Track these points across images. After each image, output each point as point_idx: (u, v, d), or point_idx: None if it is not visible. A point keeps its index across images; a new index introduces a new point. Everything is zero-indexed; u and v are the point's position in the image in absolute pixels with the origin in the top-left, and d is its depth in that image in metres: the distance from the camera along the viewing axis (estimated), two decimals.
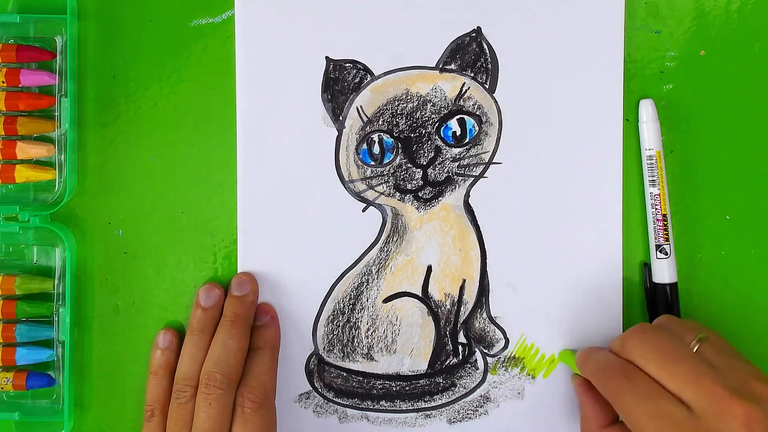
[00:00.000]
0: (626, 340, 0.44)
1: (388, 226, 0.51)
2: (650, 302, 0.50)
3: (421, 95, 0.50)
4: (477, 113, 0.50)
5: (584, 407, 0.48)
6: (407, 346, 0.51)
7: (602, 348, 0.47)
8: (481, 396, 0.51)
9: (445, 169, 0.51)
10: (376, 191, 0.51)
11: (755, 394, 0.41)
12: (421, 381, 0.51)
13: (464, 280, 0.51)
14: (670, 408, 0.41)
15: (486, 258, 0.51)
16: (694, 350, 0.43)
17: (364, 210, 0.51)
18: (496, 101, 0.50)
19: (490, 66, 0.50)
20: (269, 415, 0.47)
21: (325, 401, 0.51)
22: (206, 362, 0.47)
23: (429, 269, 0.51)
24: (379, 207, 0.51)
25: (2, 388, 0.50)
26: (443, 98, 0.50)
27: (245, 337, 0.49)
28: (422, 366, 0.51)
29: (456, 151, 0.50)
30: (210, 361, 0.47)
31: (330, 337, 0.51)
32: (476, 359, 0.51)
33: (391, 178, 0.51)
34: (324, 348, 0.51)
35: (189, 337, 0.49)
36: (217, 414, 0.45)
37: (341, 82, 0.51)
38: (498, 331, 0.51)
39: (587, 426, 0.47)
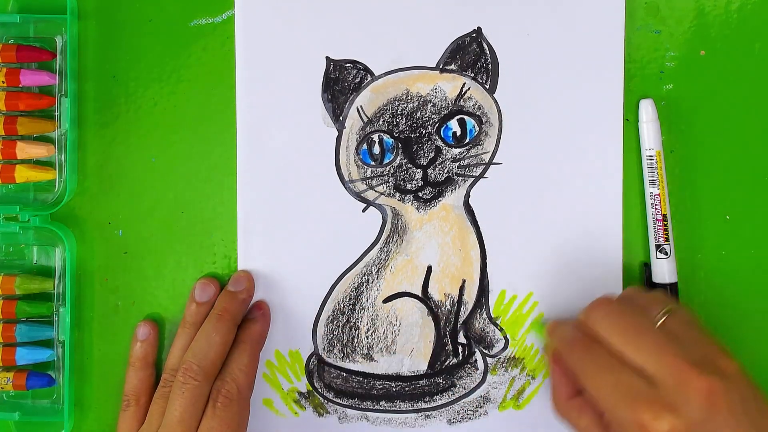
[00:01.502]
0: (590, 312, 0.44)
1: (388, 226, 0.51)
2: None
3: (421, 95, 0.50)
4: (477, 113, 0.50)
5: (553, 377, 0.48)
6: (407, 347, 0.51)
7: (570, 320, 0.47)
8: (480, 396, 0.51)
9: (445, 170, 0.51)
10: (376, 191, 0.51)
11: (718, 368, 0.41)
12: (420, 381, 0.51)
13: (464, 281, 0.51)
14: (630, 380, 0.41)
15: (486, 258, 0.51)
16: (659, 323, 0.43)
17: (364, 210, 0.51)
18: (496, 101, 0.50)
19: (490, 66, 0.50)
20: (240, 411, 0.47)
21: (325, 401, 0.51)
22: (187, 353, 0.48)
23: (429, 269, 0.51)
24: (379, 207, 0.51)
25: (2, 388, 0.50)
26: (443, 98, 0.50)
27: (230, 332, 0.49)
28: (422, 366, 0.51)
29: (456, 151, 0.50)
30: (190, 352, 0.47)
31: (330, 338, 0.51)
32: (476, 360, 0.51)
33: (391, 179, 0.51)
34: (324, 348, 0.51)
35: (181, 330, 0.50)
36: (189, 404, 0.46)
37: (341, 82, 0.51)
38: (498, 332, 0.51)
39: (555, 395, 0.48)
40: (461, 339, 0.51)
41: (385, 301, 0.51)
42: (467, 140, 0.50)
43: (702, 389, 0.40)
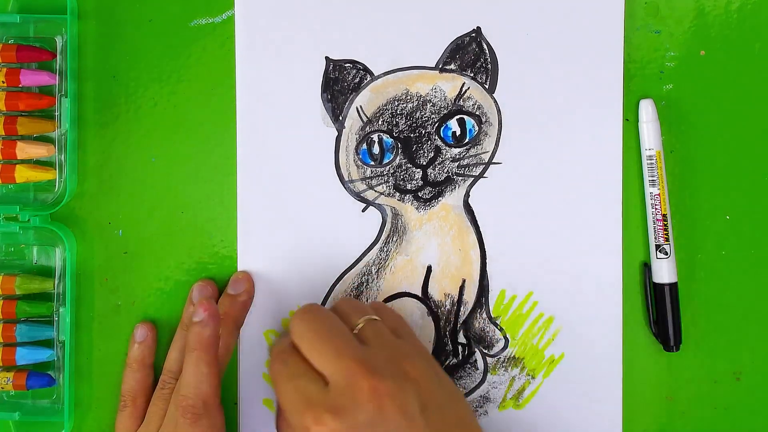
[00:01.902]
0: (291, 321, 0.44)
1: (388, 226, 0.51)
2: (650, 302, 0.50)
3: (420, 95, 0.50)
4: (477, 113, 0.50)
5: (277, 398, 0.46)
6: None
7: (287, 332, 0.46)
8: (480, 396, 0.51)
9: (445, 169, 0.51)
10: (375, 191, 0.51)
11: (399, 371, 0.41)
12: None
13: (464, 280, 0.51)
14: (307, 384, 0.41)
15: (486, 258, 0.51)
16: (355, 330, 0.43)
17: (363, 210, 0.51)
18: (495, 101, 0.50)
19: (489, 66, 0.50)
20: (210, 422, 0.46)
21: None
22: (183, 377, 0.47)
23: (429, 269, 0.51)
24: (379, 207, 0.51)
25: (2, 388, 0.50)
26: (443, 98, 0.50)
27: (231, 336, 0.49)
28: None
29: (456, 151, 0.50)
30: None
31: None
32: (476, 359, 0.51)
33: (390, 178, 0.51)
34: None
35: (179, 332, 0.50)
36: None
37: (341, 82, 0.51)
38: (498, 332, 0.51)
39: (278, 415, 0.45)
40: (461, 339, 0.51)
41: (385, 301, 0.51)
42: (467, 140, 0.50)
43: (369, 389, 0.40)
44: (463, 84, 0.50)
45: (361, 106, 0.51)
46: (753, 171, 0.51)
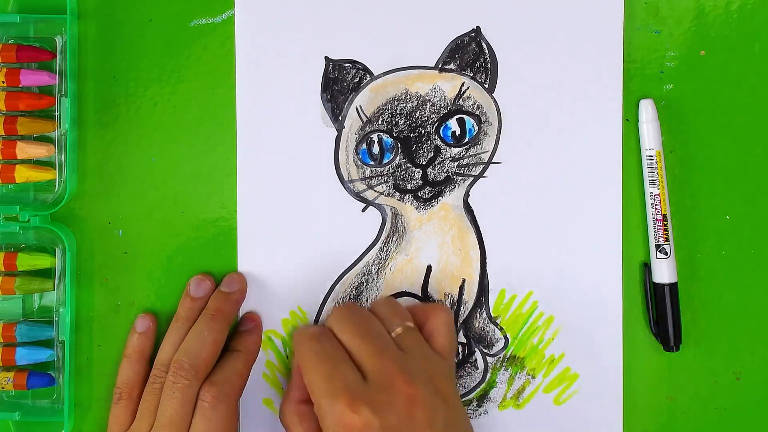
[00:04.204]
0: (331, 314, 0.46)
1: (388, 226, 0.51)
2: (650, 302, 0.50)
3: (420, 95, 0.50)
4: (476, 113, 0.50)
5: (289, 381, 0.48)
6: None
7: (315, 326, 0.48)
8: (480, 396, 0.51)
9: (445, 169, 0.51)
10: (375, 191, 0.51)
11: (432, 385, 0.43)
12: None
13: (464, 280, 0.51)
14: (346, 373, 0.42)
15: (486, 258, 0.51)
16: (394, 335, 0.45)
17: (363, 210, 0.51)
18: (495, 101, 0.50)
19: (489, 66, 0.50)
20: (229, 413, 0.47)
21: None
22: (179, 351, 0.47)
23: (429, 269, 0.51)
24: (379, 207, 0.51)
25: (3, 388, 0.50)
26: (442, 98, 0.50)
27: (222, 333, 0.49)
28: None
29: (455, 150, 0.50)
30: (182, 350, 0.47)
31: None
32: (476, 359, 0.51)
33: (390, 178, 0.51)
34: None
35: (173, 325, 0.49)
36: (180, 405, 0.46)
37: (341, 82, 0.51)
38: (497, 331, 0.51)
39: (285, 398, 0.47)
40: (461, 338, 0.51)
41: None
42: (466, 140, 0.50)
43: (405, 395, 0.41)
44: (463, 84, 0.50)
45: (360, 106, 0.51)
46: (753, 171, 0.51)
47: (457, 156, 0.50)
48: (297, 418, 0.46)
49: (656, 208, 0.50)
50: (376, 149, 0.51)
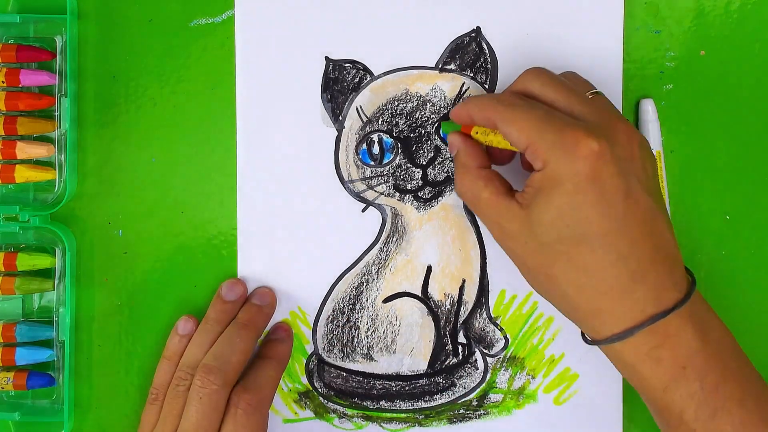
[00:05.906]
0: (521, 76, 0.45)
1: (388, 226, 0.51)
2: None
3: (420, 95, 0.50)
4: None
5: (461, 151, 0.45)
6: (407, 346, 0.51)
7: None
8: (481, 396, 0.51)
9: (445, 169, 0.51)
10: (375, 191, 0.51)
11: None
12: (420, 381, 0.51)
13: (464, 280, 0.51)
14: (562, 115, 0.42)
15: (486, 258, 0.51)
16: (588, 95, 0.44)
17: (363, 210, 0.51)
18: None
19: (489, 66, 0.50)
20: (261, 421, 0.46)
21: (325, 401, 0.51)
22: (207, 355, 0.47)
23: (429, 269, 0.51)
24: (379, 207, 0.51)
25: (2, 388, 0.50)
26: (443, 98, 0.50)
27: (252, 342, 0.48)
28: (422, 366, 0.51)
29: None
30: (211, 355, 0.47)
31: (330, 337, 0.51)
32: (476, 359, 0.51)
33: (390, 178, 0.51)
34: (324, 348, 0.51)
35: (203, 326, 0.49)
36: (208, 410, 0.45)
37: (341, 82, 0.51)
38: (498, 331, 0.51)
39: (464, 166, 0.45)
40: (461, 339, 0.51)
41: (385, 301, 0.51)
42: None
43: (625, 132, 0.42)
44: (463, 84, 0.50)
45: (360, 106, 0.51)
46: (753, 171, 0.51)
47: None
48: (482, 182, 0.44)
49: None
50: (376, 149, 0.51)
